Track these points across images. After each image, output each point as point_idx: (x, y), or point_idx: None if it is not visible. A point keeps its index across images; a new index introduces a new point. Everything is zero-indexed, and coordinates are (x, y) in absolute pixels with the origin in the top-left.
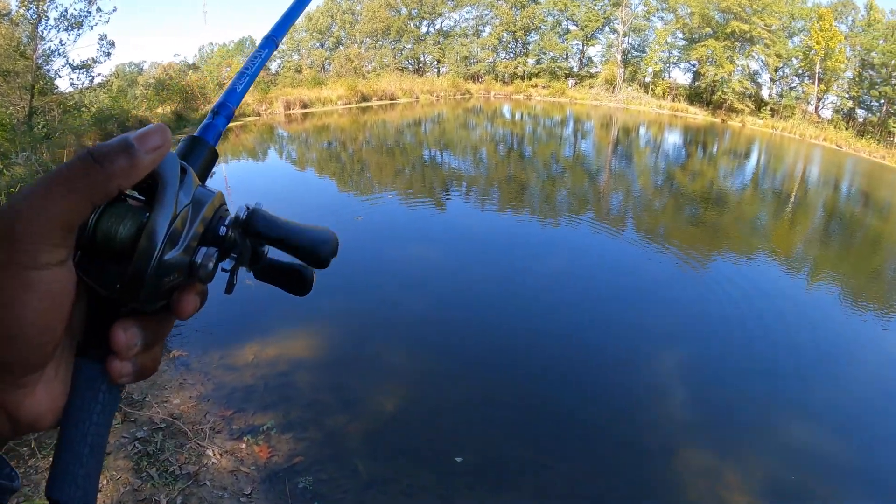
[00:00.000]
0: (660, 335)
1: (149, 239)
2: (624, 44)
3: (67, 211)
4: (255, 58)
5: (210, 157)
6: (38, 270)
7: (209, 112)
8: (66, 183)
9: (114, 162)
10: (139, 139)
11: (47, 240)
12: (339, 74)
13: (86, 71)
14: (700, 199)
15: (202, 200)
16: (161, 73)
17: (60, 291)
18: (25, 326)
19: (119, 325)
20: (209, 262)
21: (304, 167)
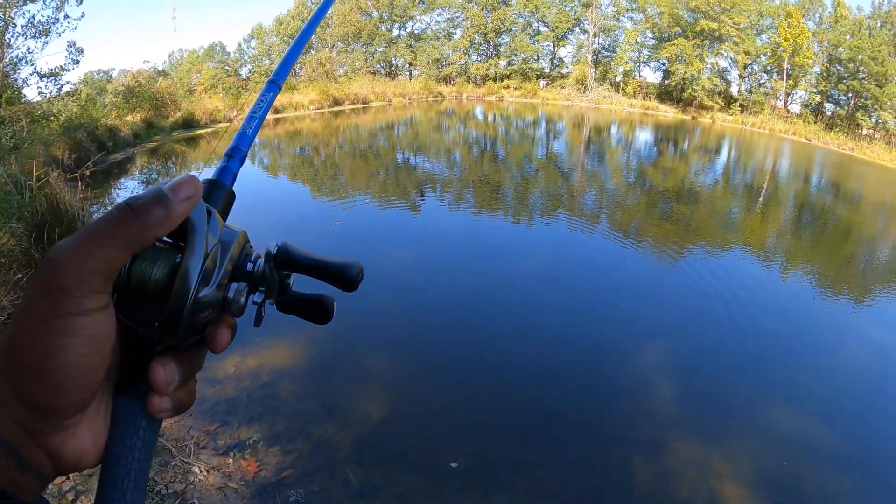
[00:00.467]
0: (643, 330)
1: (184, 279)
2: (594, 44)
3: (108, 260)
4: (261, 101)
5: (228, 198)
6: (81, 317)
7: (223, 155)
8: (107, 234)
9: (150, 213)
10: (173, 190)
11: (90, 287)
12: (311, 79)
13: (54, 79)
14: (673, 195)
15: (229, 240)
16: (130, 80)
17: (103, 335)
18: (70, 372)
19: (157, 363)
20: (241, 297)
21: (277, 173)
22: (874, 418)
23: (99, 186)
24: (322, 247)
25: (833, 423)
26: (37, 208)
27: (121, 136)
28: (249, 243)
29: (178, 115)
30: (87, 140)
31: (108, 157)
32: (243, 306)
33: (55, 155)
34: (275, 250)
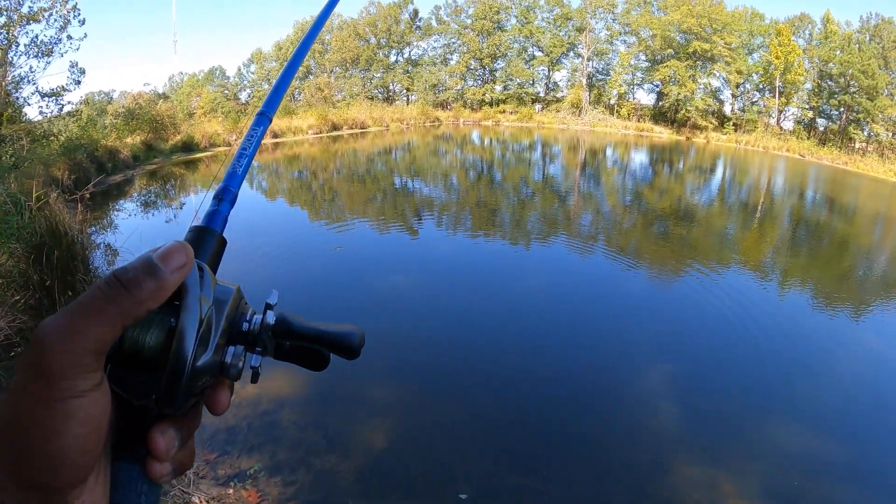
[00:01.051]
0: (645, 350)
1: (180, 348)
2: (588, 68)
3: (99, 338)
4: (251, 136)
5: (219, 246)
6: (76, 399)
7: (213, 198)
8: (96, 311)
9: (141, 286)
10: (163, 259)
11: (82, 369)
12: (310, 104)
13: (55, 99)
14: (670, 215)
15: (224, 299)
16: (131, 102)
17: (99, 414)
18: (68, 453)
19: (157, 431)
20: (238, 362)
21: (276, 197)
22: (883, 433)
23: (98, 208)
24: (324, 273)
25: (840, 439)
26: (36, 229)
27: (120, 158)
28: (244, 300)
29: (177, 137)
30: (87, 161)
31: (107, 178)
32: (241, 371)
33: (55, 175)
34: (273, 321)
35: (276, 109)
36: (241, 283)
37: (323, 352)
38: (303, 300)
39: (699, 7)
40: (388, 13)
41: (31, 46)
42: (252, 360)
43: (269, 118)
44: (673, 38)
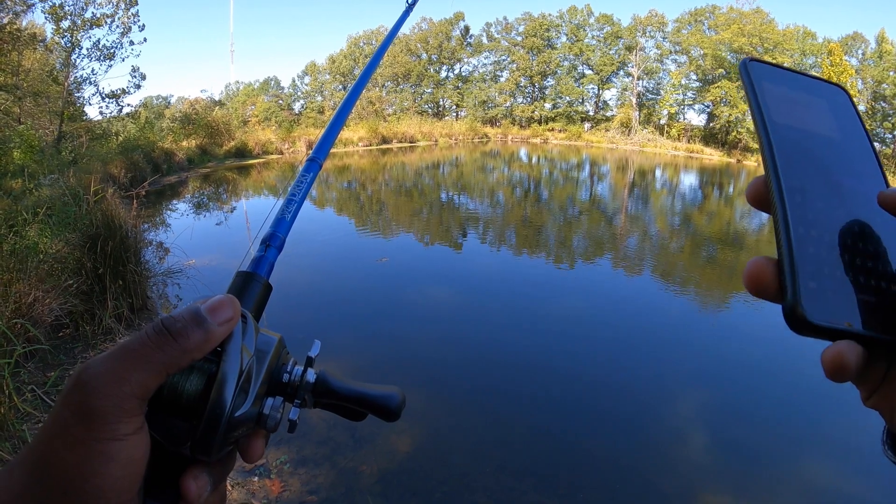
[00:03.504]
0: (680, 377)
1: (219, 396)
2: (638, 87)
3: (143, 384)
4: (300, 182)
5: (264, 292)
6: (117, 441)
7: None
8: (142, 358)
9: (189, 337)
10: (212, 312)
11: (125, 413)
12: (361, 116)
13: (115, 100)
14: (718, 240)
15: (266, 350)
16: (188, 107)
17: (138, 457)
18: (105, 495)
19: (190, 476)
20: (277, 414)
21: (325, 206)
22: None
23: (152, 206)
24: (369, 282)
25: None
26: (92, 221)
27: (175, 160)
28: (286, 350)
29: (231, 144)
30: (143, 161)
31: (162, 178)
32: (279, 422)
33: (112, 172)
34: (313, 380)
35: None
36: (290, 289)
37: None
38: (344, 308)
39: (750, 26)
40: (439, 29)
41: (93, 50)
42: (291, 412)
43: (320, 164)
44: (724, 57)
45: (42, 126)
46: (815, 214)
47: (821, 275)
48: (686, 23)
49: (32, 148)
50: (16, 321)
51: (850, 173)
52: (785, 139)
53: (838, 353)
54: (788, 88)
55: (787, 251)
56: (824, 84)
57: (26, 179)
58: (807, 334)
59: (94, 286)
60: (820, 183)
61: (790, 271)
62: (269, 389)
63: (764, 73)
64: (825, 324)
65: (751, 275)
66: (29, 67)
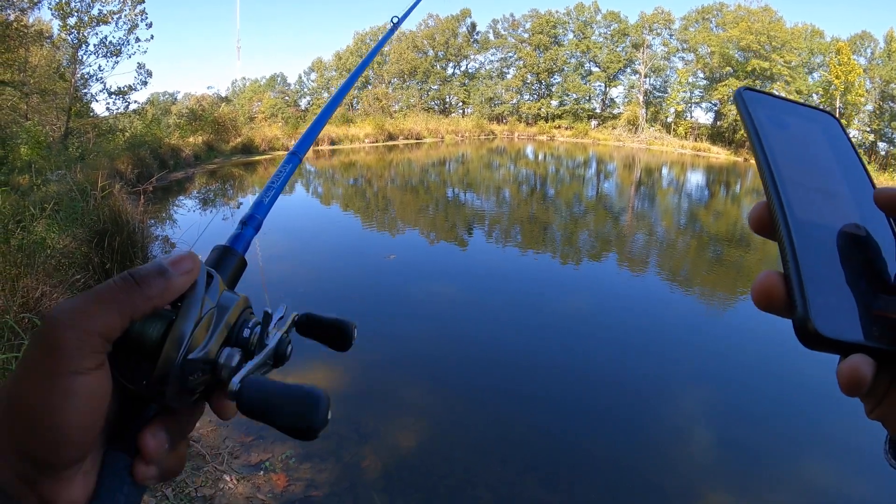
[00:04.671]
0: (684, 376)
1: (174, 339)
2: (645, 84)
3: (107, 323)
4: (280, 172)
5: (239, 265)
6: (80, 376)
7: (238, 223)
8: (108, 300)
9: (151, 284)
10: (173, 264)
11: (89, 347)
12: (367, 113)
13: (122, 97)
14: (724, 240)
15: (226, 305)
16: (194, 103)
17: (100, 394)
18: (69, 429)
19: (148, 432)
20: (231, 361)
21: (331, 203)
22: None
23: (158, 202)
24: (379, 280)
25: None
26: (99, 216)
27: (182, 156)
28: (250, 309)
29: (237, 140)
30: (150, 157)
31: (168, 174)
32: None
33: (119, 168)
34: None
35: (306, 151)
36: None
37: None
38: (353, 305)
39: (758, 24)
40: (446, 26)
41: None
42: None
43: (300, 158)
44: (731, 55)
45: (49, 122)
46: (818, 231)
47: (828, 289)
48: (693, 20)
49: (39, 144)
50: (23, 315)
51: (847, 193)
52: (784, 163)
53: (855, 367)
54: (782, 116)
55: (793, 266)
56: (816, 112)
57: (34, 175)
58: (818, 349)
59: (102, 281)
60: (819, 202)
61: (798, 286)
62: (227, 341)
63: (759, 101)
64: (837, 337)
65: (760, 289)
66: (36, 64)
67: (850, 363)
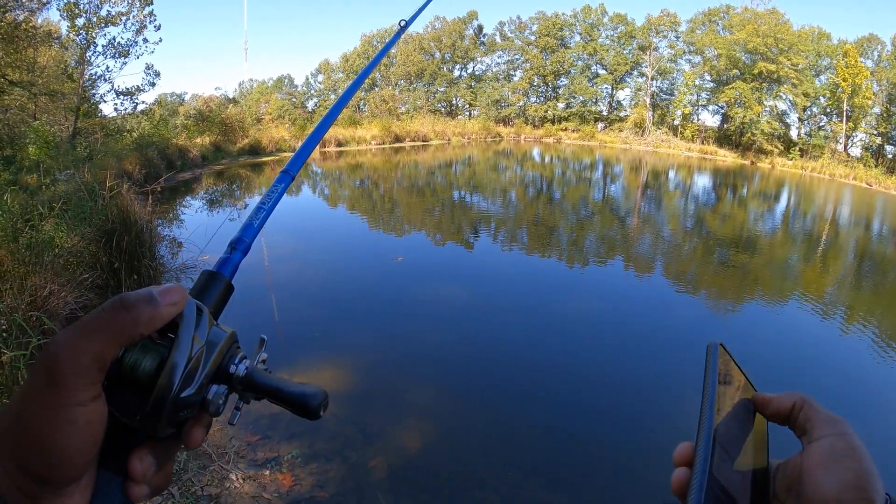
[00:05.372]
0: (688, 378)
1: (167, 378)
2: (652, 87)
3: (100, 353)
4: (272, 192)
5: (225, 291)
6: (79, 407)
7: (227, 246)
8: (98, 329)
9: (140, 310)
10: (161, 294)
11: (86, 380)
12: (374, 115)
13: (130, 98)
14: (731, 243)
15: (215, 342)
16: (202, 104)
17: (96, 423)
18: (68, 453)
19: (136, 456)
20: (219, 400)
21: (338, 204)
22: None
23: (166, 202)
24: (387, 283)
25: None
26: (107, 216)
27: (190, 157)
28: (237, 344)
29: (245, 141)
30: (158, 157)
31: (176, 175)
32: (220, 408)
33: (127, 169)
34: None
35: (298, 170)
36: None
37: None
38: (361, 306)
39: (765, 26)
40: (452, 28)
41: (108, 47)
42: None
43: (292, 176)
44: (738, 57)
45: (57, 122)
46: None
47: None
48: (700, 23)
49: (48, 144)
50: (32, 314)
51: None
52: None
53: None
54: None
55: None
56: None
57: (42, 175)
58: None
59: (110, 280)
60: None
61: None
62: (215, 377)
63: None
64: None
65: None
66: (44, 64)
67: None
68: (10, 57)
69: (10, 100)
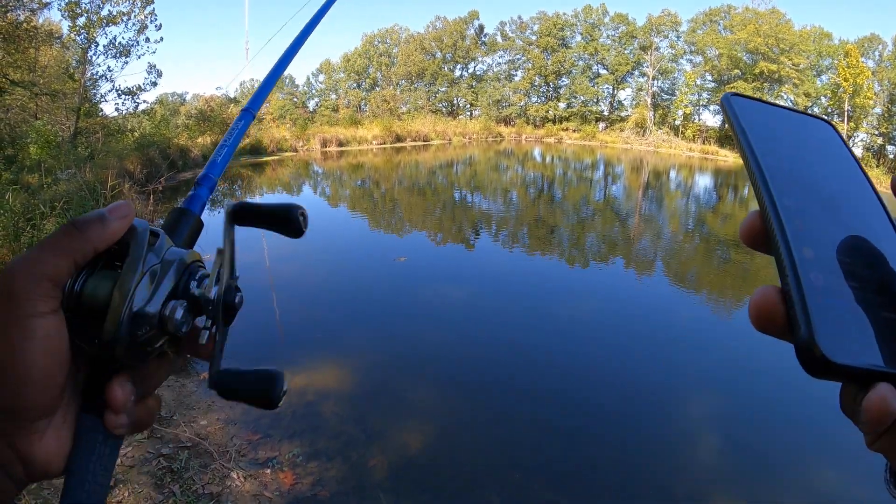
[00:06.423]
0: (691, 380)
1: (118, 296)
2: (653, 87)
3: (55, 268)
4: (232, 130)
5: (196, 225)
6: (35, 318)
7: (193, 184)
8: (53, 245)
9: (91, 228)
10: (110, 210)
11: (40, 291)
12: (375, 115)
13: (131, 97)
14: (732, 243)
15: (172, 259)
16: (203, 104)
17: (57, 337)
18: (32, 372)
19: (115, 382)
20: (176, 313)
21: (338, 204)
22: None
23: (167, 201)
24: (388, 283)
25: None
26: None
27: (191, 156)
28: (200, 262)
29: (246, 141)
30: (159, 157)
31: (177, 174)
32: (180, 323)
33: (128, 168)
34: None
35: (259, 107)
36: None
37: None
38: (363, 306)
39: (766, 26)
40: (453, 28)
41: (109, 47)
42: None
43: (253, 115)
44: (739, 57)
45: (58, 122)
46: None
47: (835, 307)
48: (701, 23)
49: (49, 143)
50: None
51: (847, 202)
52: (777, 171)
53: (884, 399)
54: (774, 122)
55: (794, 282)
56: (810, 118)
57: (43, 174)
58: (826, 377)
59: None
60: (818, 211)
61: (801, 304)
62: (173, 295)
63: (748, 107)
64: (850, 363)
65: (758, 308)
66: (46, 64)
67: (880, 395)
68: (11, 56)
69: (11, 99)
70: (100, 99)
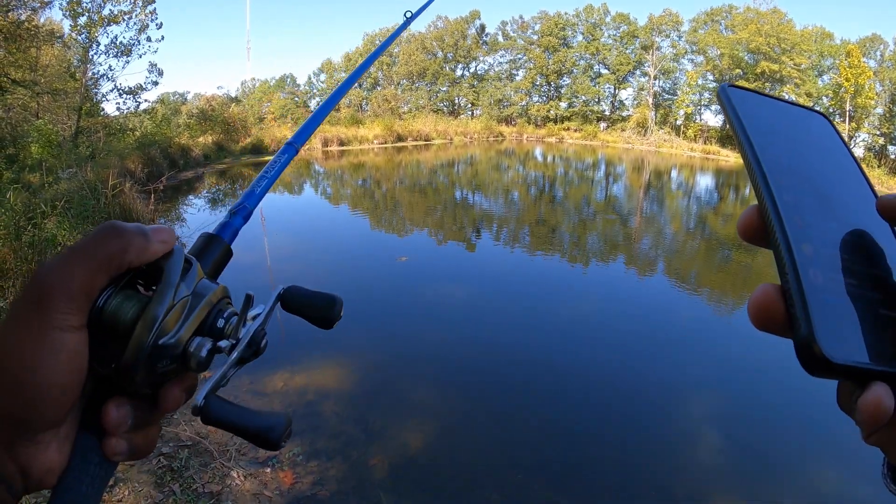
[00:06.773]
0: (692, 380)
1: (145, 324)
2: (655, 87)
3: (89, 278)
4: (275, 162)
5: (224, 254)
6: (65, 332)
7: (228, 212)
8: (87, 255)
9: (131, 239)
10: (153, 231)
11: (75, 303)
12: (376, 114)
13: (132, 96)
14: (733, 243)
15: (202, 293)
16: (204, 103)
17: (81, 353)
18: (50, 389)
19: (112, 402)
20: (201, 351)
21: (340, 204)
22: None
23: (168, 200)
24: (389, 282)
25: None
26: (110, 214)
27: (192, 156)
28: (228, 299)
29: (247, 140)
30: (160, 156)
31: (178, 173)
32: (205, 362)
33: (129, 167)
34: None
35: (303, 143)
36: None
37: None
38: (366, 306)
39: (767, 26)
40: (455, 28)
41: (110, 46)
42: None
43: (296, 149)
44: (741, 57)
45: (60, 121)
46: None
47: (835, 304)
48: (702, 22)
49: (50, 142)
50: None
51: (844, 197)
52: (776, 165)
53: (880, 399)
54: (772, 115)
55: (793, 278)
56: (808, 111)
57: (44, 173)
58: (826, 375)
59: None
60: (817, 206)
61: (800, 301)
62: (199, 330)
63: (745, 99)
64: (850, 362)
65: (758, 304)
66: (47, 63)
67: (875, 396)
68: (12, 56)
69: (13, 99)
70: (101, 98)
